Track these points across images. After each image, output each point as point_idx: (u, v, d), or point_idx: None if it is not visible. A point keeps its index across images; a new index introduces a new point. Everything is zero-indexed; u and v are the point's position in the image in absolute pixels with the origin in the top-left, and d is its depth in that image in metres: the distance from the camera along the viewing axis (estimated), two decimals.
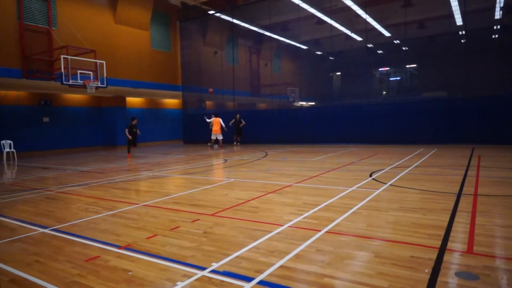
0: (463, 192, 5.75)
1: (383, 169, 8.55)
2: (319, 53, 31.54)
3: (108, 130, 21.24)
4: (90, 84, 14.71)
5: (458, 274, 2.82)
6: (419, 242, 3.56)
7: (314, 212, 4.83)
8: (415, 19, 23.68)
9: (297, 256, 3.30)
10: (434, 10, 22.58)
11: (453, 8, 20.78)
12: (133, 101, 22.82)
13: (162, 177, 8.79)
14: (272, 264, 3.12)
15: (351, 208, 4.95)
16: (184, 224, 4.51)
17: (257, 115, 21.48)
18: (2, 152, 15.26)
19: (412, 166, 8.93)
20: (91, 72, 14.96)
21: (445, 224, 4.10)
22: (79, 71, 14.49)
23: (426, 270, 2.90)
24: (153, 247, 3.70)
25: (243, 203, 5.57)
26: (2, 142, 15.41)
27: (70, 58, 14.12)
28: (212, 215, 4.91)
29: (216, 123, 17.47)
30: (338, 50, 30.51)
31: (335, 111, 18.29)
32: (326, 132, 17.84)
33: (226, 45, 25.25)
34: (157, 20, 21.82)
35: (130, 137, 14.20)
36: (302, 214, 4.74)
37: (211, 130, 17.94)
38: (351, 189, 6.33)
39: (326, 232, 3.98)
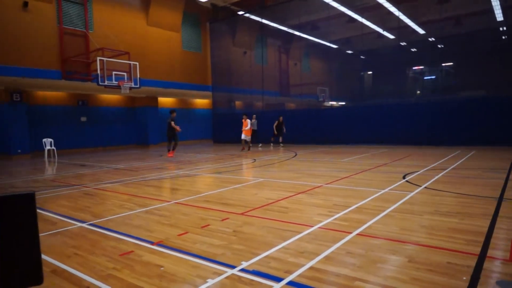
0: (504, 197, 5.45)
1: (417, 171, 8.27)
2: (349, 52, 30.95)
3: (141, 129, 21.90)
4: (124, 85, 15.22)
5: (499, 283, 2.67)
6: (456, 248, 3.41)
7: (344, 214, 4.75)
8: (452, 15, 22.70)
9: (327, 258, 3.25)
10: (472, 6, 21.54)
11: (493, 3, 19.76)
12: (165, 101, 23.39)
13: (193, 176, 8.94)
14: (302, 265, 3.10)
15: (383, 211, 4.82)
16: (214, 222, 4.57)
17: (286, 115, 21.38)
18: (44, 150, 16.11)
19: (449, 169, 8.58)
20: (125, 73, 15.49)
21: (485, 230, 3.91)
22: (114, 72, 15.04)
23: (464, 278, 2.77)
24: (184, 244, 3.78)
25: (273, 203, 5.56)
26: (44, 140, 16.27)
27: (106, 60, 14.68)
28: (242, 214, 4.94)
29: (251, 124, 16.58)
30: (369, 49, 29.79)
31: (366, 111, 17.89)
32: (357, 132, 17.49)
33: (255, 45, 25.34)
34: (188, 22, 22.24)
35: (178, 129, 13.39)
36: (332, 216, 4.67)
37: (254, 131, 17.53)
38: (383, 191, 6.16)
39: (357, 234, 3.90)
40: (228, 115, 23.56)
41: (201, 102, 26.06)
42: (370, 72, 32.10)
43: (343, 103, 29.33)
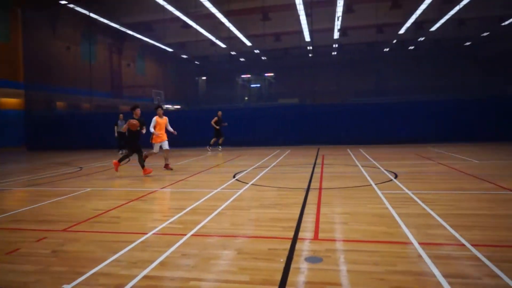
0: (311, 187, 6.58)
1: (246, 170, 9.09)
2: (184, 56, 31.51)
3: None
4: None
5: (307, 259, 3.20)
6: (276, 235, 3.91)
7: (180, 217, 4.78)
8: (272, 32, 25.98)
9: (162, 264, 3.20)
10: (288, 25, 25.07)
11: (303, 26, 23.64)
12: None
13: None
14: (135, 276, 2.95)
15: (216, 209, 5.09)
16: (26, 245, 3.85)
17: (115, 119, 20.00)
18: None
19: (270, 166, 9.78)
20: None
21: (297, 216, 4.62)
22: None
23: (282, 260, 3.20)
24: None
25: (102, 213, 5.10)
26: None
27: None
28: (64, 230, 4.34)
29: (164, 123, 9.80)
30: (203, 55, 31.08)
31: (201, 114, 18.53)
32: (193, 135, 17.86)
33: (82, 40, 22.82)
34: None
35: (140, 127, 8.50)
36: (167, 220, 4.63)
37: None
38: (216, 190, 6.51)
39: (192, 235, 3.98)
40: (48, 117, 20.32)
41: (9, 101, 21.55)
42: (204, 78, 33.42)
43: (178, 106, 29.60)
